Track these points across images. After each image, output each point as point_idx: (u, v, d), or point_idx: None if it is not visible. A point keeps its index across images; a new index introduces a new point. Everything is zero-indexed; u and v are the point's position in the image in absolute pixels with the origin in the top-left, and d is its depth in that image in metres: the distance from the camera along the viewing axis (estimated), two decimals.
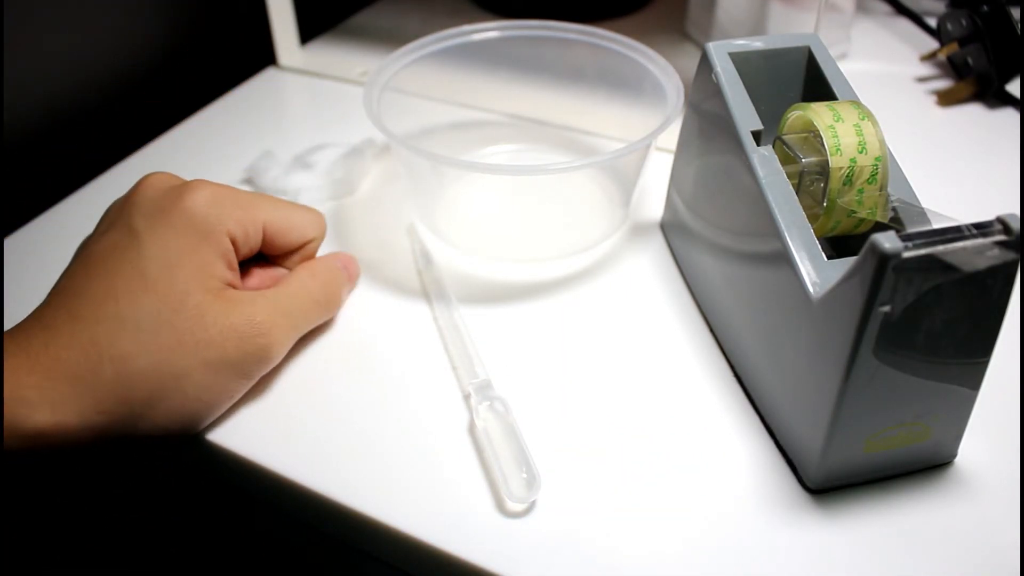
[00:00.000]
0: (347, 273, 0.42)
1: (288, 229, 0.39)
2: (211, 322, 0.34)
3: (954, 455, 0.35)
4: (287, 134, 0.56)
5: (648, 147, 0.44)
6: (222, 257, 0.36)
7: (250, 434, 0.36)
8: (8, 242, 0.47)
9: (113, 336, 0.32)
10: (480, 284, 0.44)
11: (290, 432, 0.37)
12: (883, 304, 0.29)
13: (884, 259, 0.28)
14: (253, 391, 0.38)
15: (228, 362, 0.34)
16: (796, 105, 0.36)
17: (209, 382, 0.34)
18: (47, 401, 0.31)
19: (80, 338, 0.32)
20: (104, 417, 0.32)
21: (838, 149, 0.34)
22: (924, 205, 0.34)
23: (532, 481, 0.33)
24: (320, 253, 0.42)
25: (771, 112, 0.38)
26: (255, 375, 0.36)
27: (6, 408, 0.30)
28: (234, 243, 0.37)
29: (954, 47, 0.59)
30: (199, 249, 0.35)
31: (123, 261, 0.34)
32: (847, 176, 0.34)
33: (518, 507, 0.33)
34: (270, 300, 0.36)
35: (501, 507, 0.33)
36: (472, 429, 0.36)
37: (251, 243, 0.38)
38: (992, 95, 0.58)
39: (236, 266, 0.37)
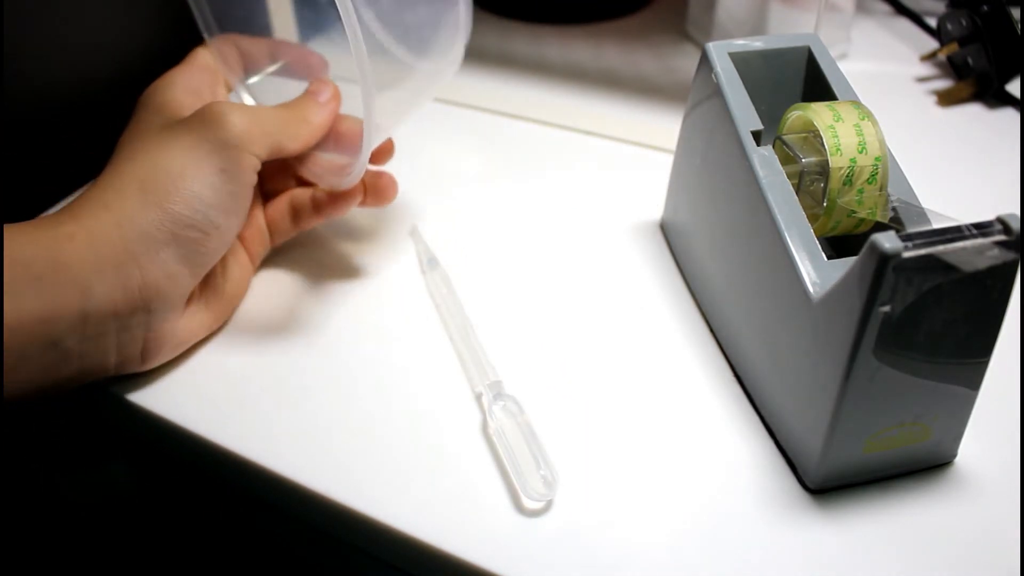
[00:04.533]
0: (317, 97, 0.43)
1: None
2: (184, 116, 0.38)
3: (954, 455, 0.35)
4: None
5: None
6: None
7: (257, 437, 0.36)
8: None
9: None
10: (483, 284, 0.44)
11: (299, 436, 0.36)
12: (883, 304, 0.29)
13: (884, 259, 0.28)
14: (262, 394, 0.38)
15: (198, 137, 0.37)
16: (796, 105, 0.36)
17: (187, 159, 0.36)
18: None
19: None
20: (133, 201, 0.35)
21: (838, 149, 0.34)
22: (924, 205, 0.34)
23: (550, 479, 0.33)
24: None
25: (771, 112, 0.38)
26: (229, 159, 0.37)
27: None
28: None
29: (954, 47, 0.59)
30: None
31: None
32: (847, 176, 0.34)
33: (535, 506, 0.33)
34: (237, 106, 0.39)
35: (513, 509, 0.33)
36: (484, 432, 0.36)
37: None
38: (992, 95, 0.58)
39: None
